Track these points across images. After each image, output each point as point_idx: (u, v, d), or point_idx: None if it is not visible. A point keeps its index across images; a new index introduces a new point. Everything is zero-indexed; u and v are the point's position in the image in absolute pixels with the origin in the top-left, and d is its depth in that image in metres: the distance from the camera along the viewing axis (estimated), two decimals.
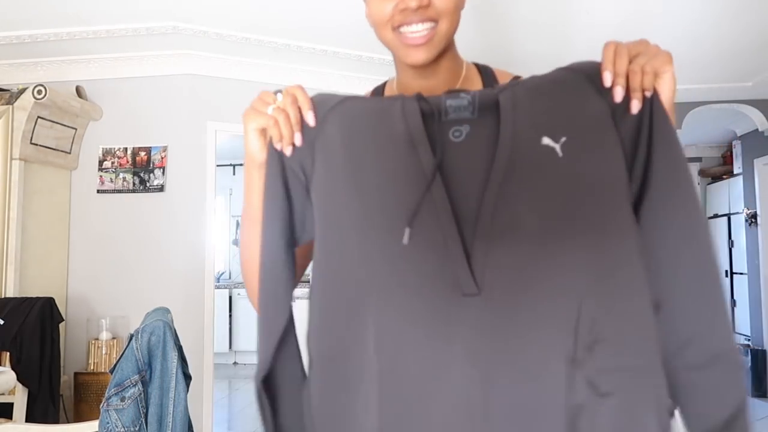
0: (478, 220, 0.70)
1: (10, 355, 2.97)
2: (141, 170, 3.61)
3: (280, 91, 0.79)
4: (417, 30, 0.81)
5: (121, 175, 3.62)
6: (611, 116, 0.73)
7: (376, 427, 0.70)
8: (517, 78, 0.86)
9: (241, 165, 7.97)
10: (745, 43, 3.49)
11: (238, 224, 7.51)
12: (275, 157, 0.80)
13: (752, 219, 5.40)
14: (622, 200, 0.72)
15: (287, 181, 0.80)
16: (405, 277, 0.71)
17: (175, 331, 1.91)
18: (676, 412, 0.73)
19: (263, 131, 0.80)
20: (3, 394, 2.82)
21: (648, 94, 0.73)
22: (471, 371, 0.67)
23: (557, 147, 0.71)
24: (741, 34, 3.35)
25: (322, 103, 0.81)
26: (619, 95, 0.72)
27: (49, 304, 3.10)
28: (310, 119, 0.79)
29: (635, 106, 0.73)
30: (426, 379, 0.69)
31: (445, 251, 0.70)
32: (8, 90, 3.36)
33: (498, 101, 0.74)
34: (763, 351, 5.13)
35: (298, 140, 0.79)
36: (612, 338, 0.68)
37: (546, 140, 0.72)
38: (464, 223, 0.71)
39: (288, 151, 0.79)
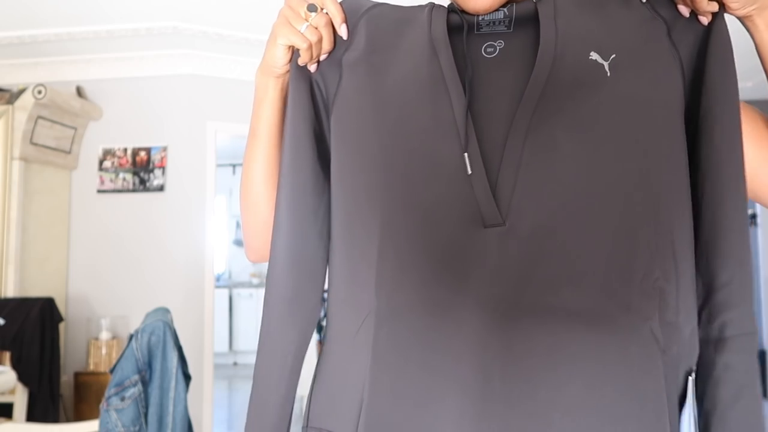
0: (508, 140, 0.61)
1: (11, 355, 2.97)
2: (141, 170, 3.61)
3: (314, 7, 0.69)
4: None
5: (121, 175, 3.62)
6: (667, 34, 0.64)
7: (367, 377, 0.62)
8: None
9: (240, 165, 8.02)
10: (745, 43, 3.49)
11: (238, 224, 7.51)
12: (303, 75, 0.73)
13: (752, 219, 5.40)
14: (677, 130, 0.63)
15: (315, 102, 0.73)
16: (415, 205, 0.62)
17: (175, 331, 1.91)
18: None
19: (291, 47, 0.71)
20: (3, 394, 2.82)
21: (706, 17, 0.64)
22: (487, 315, 0.58)
23: (606, 64, 0.62)
24: (741, 33, 3.35)
25: (352, 13, 0.73)
26: (685, 11, 0.64)
27: (49, 304, 3.11)
28: (344, 32, 0.71)
29: (686, 27, 0.64)
30: (430, 324, 0.60)
31: (465, 177, 0.61)
32: (8, 90, 3.37)
33: (537, 12, 0.65)
34: (763, 351, 5.13)
35: (323, 58, 0.73)
36: (669, 286, 0.60)
37: (594, 55, 0.63)
38: (492, 147, 0.61)
39: (313, 68, 0.72)
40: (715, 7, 0.62)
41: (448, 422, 0.58)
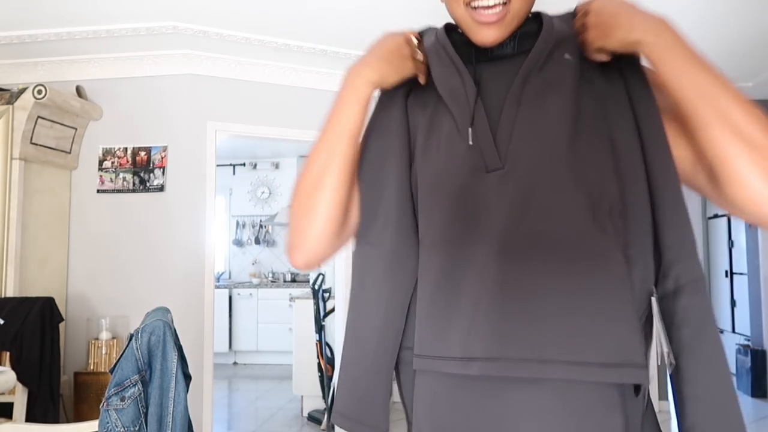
0: (504, 106, 0.78)
1: (10, 355, 2.97)
2: (141, 170, 3.61)
3: (420, 41, 0.86)
4: (489, 6, 0.79)
5: (121, 175, 3.62)
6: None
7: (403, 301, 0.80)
8: None
9: (240, 165, 8.01)
10: (745, 43, 3.49)
11: (238, 224, 7.51)
12: (402, 102, 0.88)
13: None
14: (629, 113, 0.80)
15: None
16: (439, 169, 0.80)
17: (175, 330, 1.91)
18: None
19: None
20: (3, 394, 2.82)
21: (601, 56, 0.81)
22: (492, 246, 0.73)
23: (573, 60, 0.81)
24: (741, 34, 3.35)
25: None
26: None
27: (49, 304, 3.11)
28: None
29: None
30: (450, 256, 0.76)
31: (473, 136, 0.78)
32: (8, 90, 3.37)
33: (537, 29, 0.83)
34: (763, 351, 5.13)
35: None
36: (632, 222, 0.74)
37: (567, 56, 0.81)
38: (496, 114, 0.79)
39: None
40: (603, 57, 0.80)
41: (460, 326, 0.73)
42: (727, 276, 6.06)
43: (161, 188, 3.59)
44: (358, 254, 0.86)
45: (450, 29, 0.89)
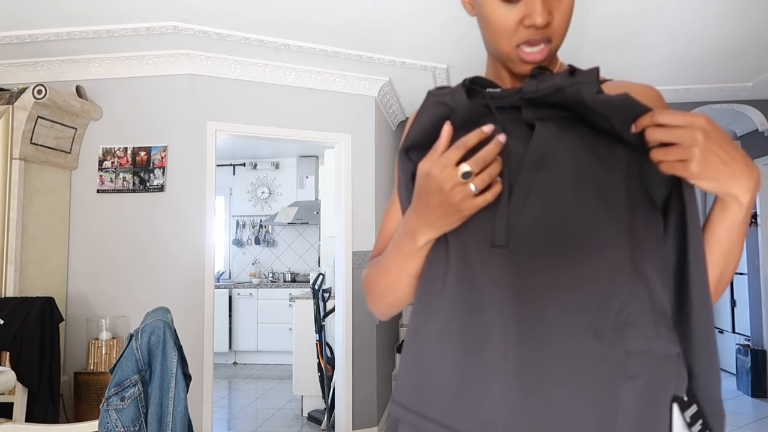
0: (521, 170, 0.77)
1: (10, 355, 2.97)
2: (141, 170, 3.61)
3: (468, 174, 0.74)
4: (536, 49, 0.84)
5: (121, 175, 3.62)
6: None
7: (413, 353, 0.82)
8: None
9: (240, 165, 7.98)
10: (745, 44, 3.49)
11: (237, 224, 7.51)
12: None
13: (752, 219, 5.40)
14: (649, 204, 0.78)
15: None
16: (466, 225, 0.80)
17: (175, 330, 1.91)
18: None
19: None
20: (3, 394, 2.82)
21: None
22: (500, 314, 0.74)
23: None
24: (742, 34, 3.35)
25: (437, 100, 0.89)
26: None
27: (49, 304, 3.10)
28: (502, 138, 0.79)
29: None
30: (455, 324, 0.77)
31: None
32: (8, 90, 3.36)
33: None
34: (763, 351, 5.13)
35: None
36: (641, 322, 0.72)
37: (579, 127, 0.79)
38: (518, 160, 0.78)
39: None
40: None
41: (443, 392, 0.76)
42: None
43: (161, 188, 3.59)
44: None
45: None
